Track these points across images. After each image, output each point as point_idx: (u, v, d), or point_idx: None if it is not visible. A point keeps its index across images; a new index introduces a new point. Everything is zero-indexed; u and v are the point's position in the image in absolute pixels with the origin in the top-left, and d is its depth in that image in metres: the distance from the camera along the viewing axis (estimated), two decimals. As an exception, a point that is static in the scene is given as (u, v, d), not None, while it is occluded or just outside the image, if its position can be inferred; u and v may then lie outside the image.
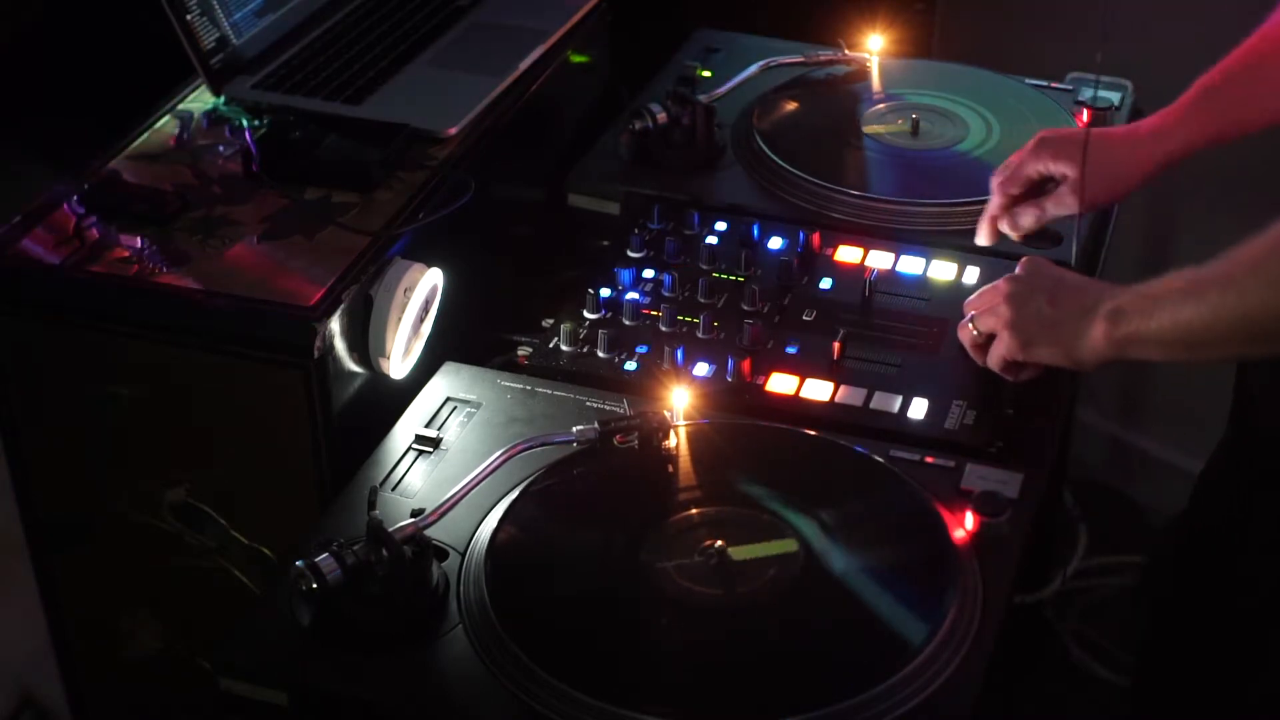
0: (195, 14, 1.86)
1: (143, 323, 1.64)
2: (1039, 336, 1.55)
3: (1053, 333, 1.54)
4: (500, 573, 1.39)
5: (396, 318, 1.66)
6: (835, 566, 1.40)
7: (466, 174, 1.79)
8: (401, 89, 1.92)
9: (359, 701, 1.32)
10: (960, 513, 1.45)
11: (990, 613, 1.36)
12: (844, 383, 1.62)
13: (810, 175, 1.86)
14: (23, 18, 1.97)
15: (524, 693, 1.30)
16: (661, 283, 1.74)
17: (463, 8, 2.08)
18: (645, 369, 1.64)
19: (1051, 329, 1.54)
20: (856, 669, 1.30)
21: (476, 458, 1.51)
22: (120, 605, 1.81)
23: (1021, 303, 1.56)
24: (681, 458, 1.52)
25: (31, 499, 1.78)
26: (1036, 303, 1.55)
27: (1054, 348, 1.54)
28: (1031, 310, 1.55)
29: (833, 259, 1.78)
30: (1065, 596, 2.49)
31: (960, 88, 2.03)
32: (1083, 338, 1.51)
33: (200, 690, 1.44)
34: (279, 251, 1.67)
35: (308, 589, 1.34)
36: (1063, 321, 1.53)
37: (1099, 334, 1.50)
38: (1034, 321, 1.55)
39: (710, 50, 2.12)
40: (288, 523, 1.64)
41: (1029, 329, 1.55)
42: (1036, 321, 1.55)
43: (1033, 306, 1.55)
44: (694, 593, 1.37)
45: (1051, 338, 1.54)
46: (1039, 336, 1.55)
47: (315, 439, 1.63)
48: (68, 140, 1.90)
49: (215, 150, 1.83)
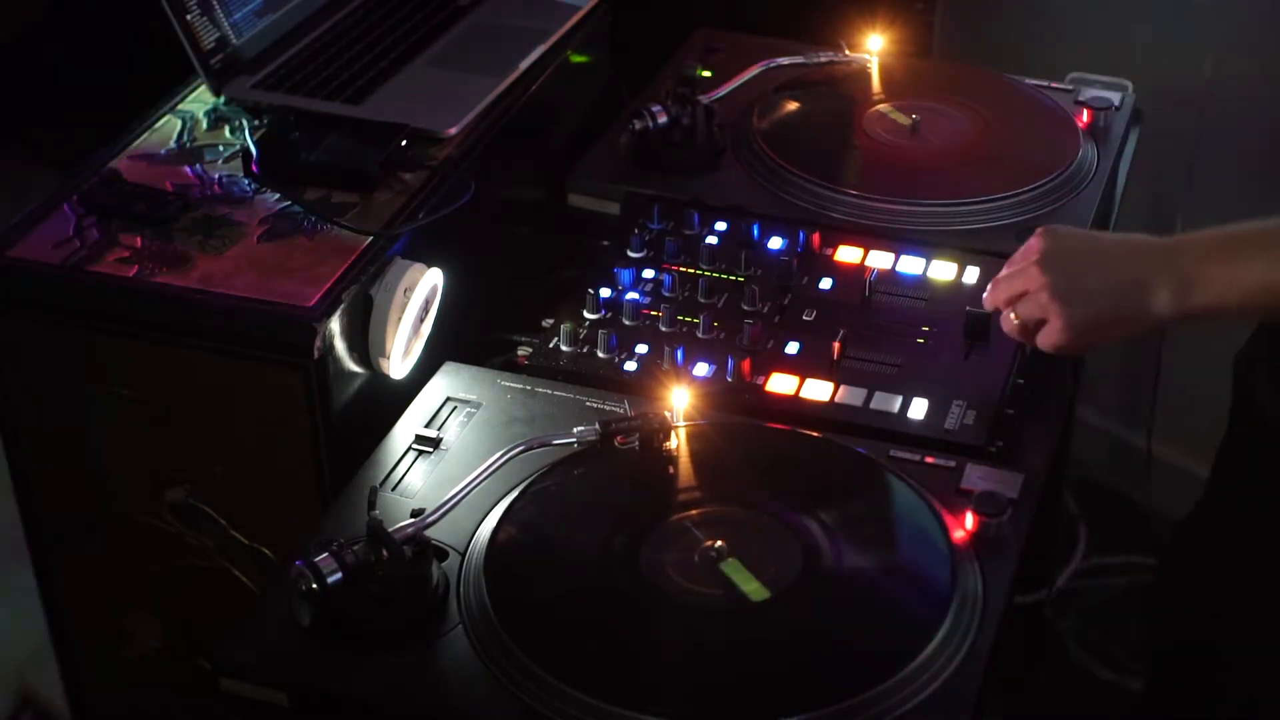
0: (195, 14, 1.85)
1: (143, 323, 1.64)
2: (1098, 318, 1.46)
3: (1112, 312, 1.46)
4: (500, 573, 1.39)
5: (396, 318, 1.66)
6: (835, 567, 1.40)
7: (466, 174, 1.79)
8: (401, 89, 1.92)
9: (359, 701, 1.32)
10: (960, 513, 1.45)
11: (990, 613, 1.36)
12: (844, 383, 1.62)
13: (810, 175, 1.86)
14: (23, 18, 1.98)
15: (524, 693, 1.30)
16: (661, 283, 1.74)
17: (463, 8, 2.08)
18: (645, 369, 1.64)
19: (1110, 308, 1.45)
20: (856, 669, 1.30)
21: (476, 458, 1.51)
22: (120, 605, 1.81)
23: (1066, 285, 1.47)
24: (682, 458, 1.52)
25: (32, 499, 1.78)
26: (1083, 283, 1.46)
27: (1117, 327, 1.47)
28: (1081, 291, 1.46)
29: (833, 259, 1.78)
30: (1065, 596, 2.49)
31: (960, 88, 2.03)
32: (1149, 308, 1.42)
33: (200, 690, 1.43)
34: (279, 251, 1.67)
35: (308, 589, 1.34)
36: (1120, 296, 1.44)
37: (1165, 305, 1.42)
38: (1087, 303, 1.46)
39: (710, 50, 2.12)
40: (288, 523, 1.64)
41: (1084, 313, 1.46)
42: (1090, 302, 1.46)
43: (1080, 286, 1.46)
44: (694, 593, 1.37)
45: (1111, 317, 1.46)
46: (1098, 318, 1.46)
47: (315, 439, 1.63)
48: (68, 141, 1.90)
49: (215, 150, 1.83)
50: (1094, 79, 2.03)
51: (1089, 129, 1.95)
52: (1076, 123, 1.95)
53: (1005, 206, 1.82)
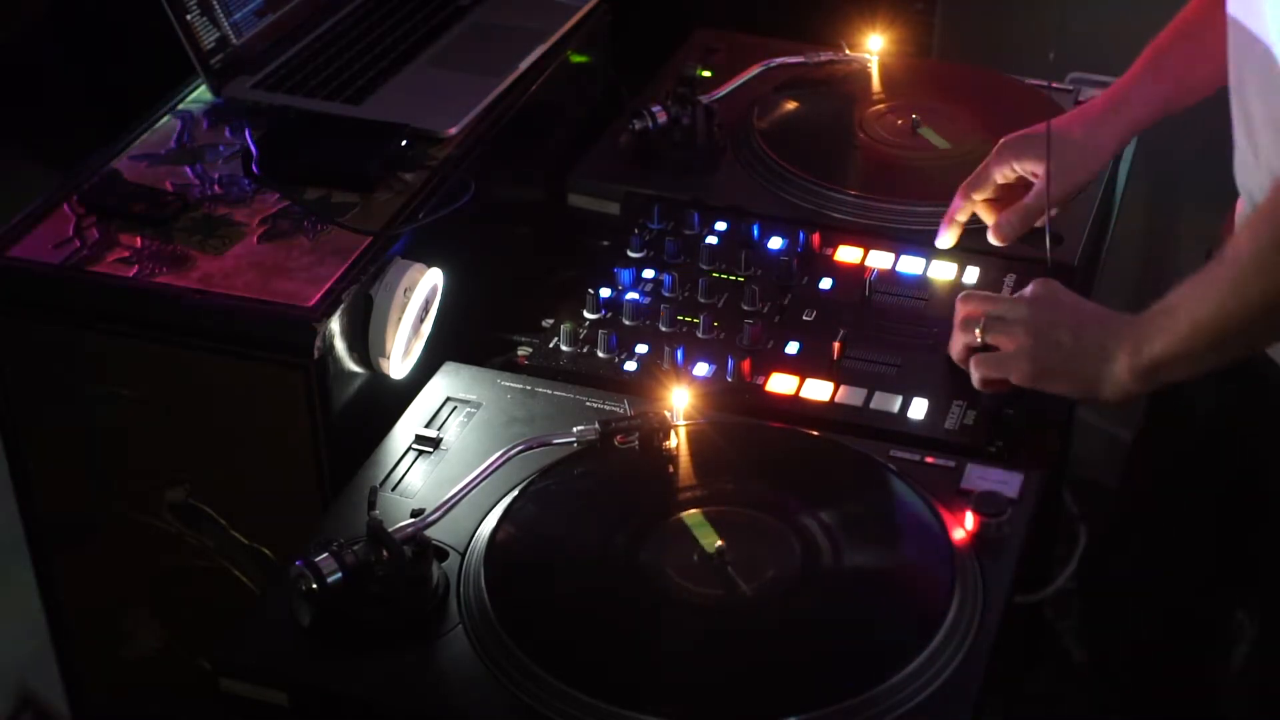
0: (195, 14, 1.86)
1: (143, 323, 1.64)
2: (1058, 370, 1.51)
3: (1072, 366, 1.50)
4: (500, 573, 1.39)
5: (396, 318, 1.66)
6: (835, 567, 1.40)
7: (466, 174, 1.79)
8: (401, 89, 1.92)
9: (359, 701, 1.32)
10: (960, 513, 1.45)
11: (990, 613, 1.36)
12: (844, 383, 1.62)
13: (810, 175, 1.86)
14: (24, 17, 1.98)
15: (524, 693, 1.30)
16: (661, 283, 1.74)
17: (463, 8, 2.08)
18: (645, 369, 1.64)
19: (1071, 362, 1.50)
20: (856, 669, 1.30)
21: (476, 458, 1.51)
22: (120, 605, 1.81)
23: (1042, 332, 1.51)
24: (681, 458, 1.52)
25: (32, 499, 1.78)
26: (1057, 334, 1.50)
27: (1072, 382, 1.50)
28: (1051, 341, 1.51)
29: (833, 259, 1.78)
30: (1065, 596, 2.49)
31: (960, 88, 2.03)
32: (1106, 375, 1.47)
33: (200, 690, 1.43)
34: (279, 251, 1.67)
35: (308, 589, 1.34)
36: (1084, 356, 1.49)
37: (1123, 369, 1.46)
38: (1054, 353, 1.50)
39: (710, 50, 2.12)
40: (288, 523, 1.64)
41: (1048, 360, 1.51)
42: (1056, 353, 1.50)
43: (1053, 337, 1.51)
44: (694, 593, 1.37)
45: (1071, 371, 1.50)
46: (1058, 370, 1.51)
47: (315, 439, 1.63)
48: (68, 141, 1.90)
49: (215, 150, 1.83)
50: (1094, 79, 2.03)
51: (1089, 129, 1.95)
52: (1077, 123, 1.95)
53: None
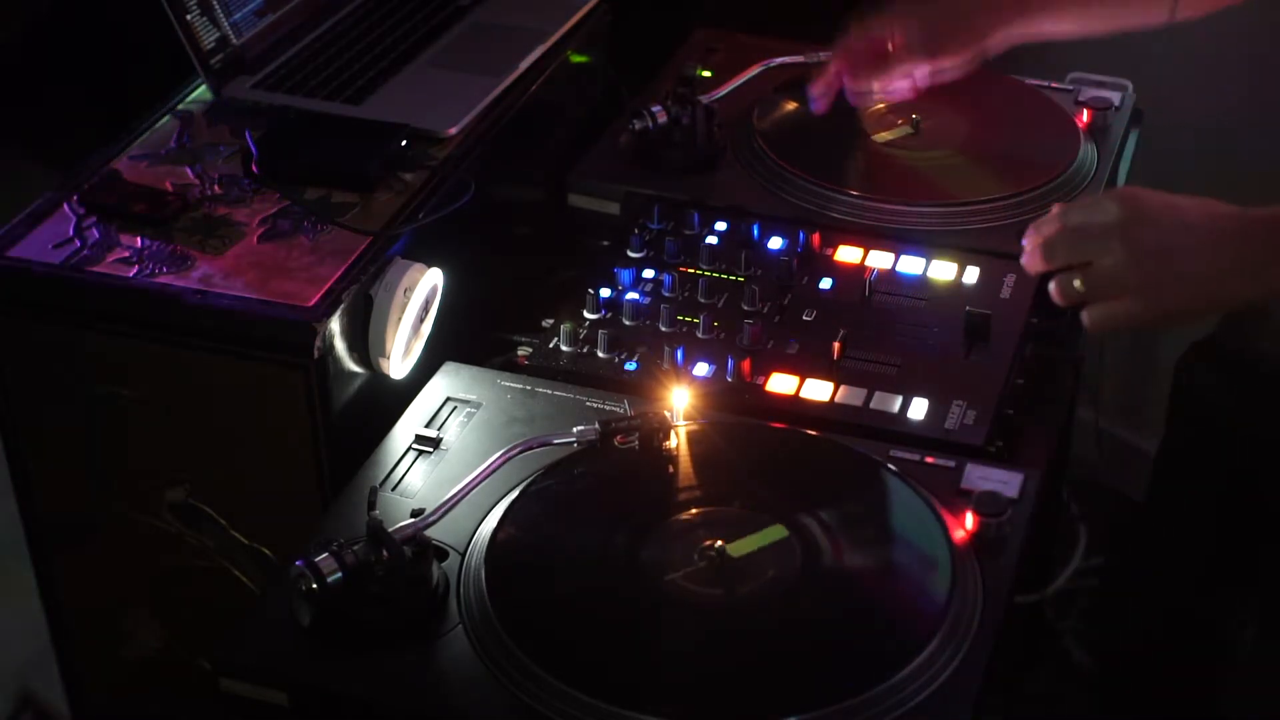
0: (195, 14, 1.86)
1: (143, 323, 1.64)
2: (1178, 309, 1.35)
3: (1191, 302, 1.34)
4: (500, 573, 1.39)
5: (396, 318, 1.66)
6: (835, 567, 1.40)
7: (466, 174, 1.79)
8: (401, 89, 1.92)
9: (359, 701, 1.32)
10: (960, 513, 1.45)
11: (990, 613, 1.36)
12: (844, 383, 1.61)
13: (810, 175, 1.86)
14: (24, 17, 1.98)
15: (524, 693, 1.30)
16: (661, 283, 1.74)
17: (463, 8, 2.08)
18: (645, 369, 1.64)
19: (1189, 298, 1.34)
20: (856, 669, 1.30)
21: (476, 458, 1.51)
22: (120, 605, 1.81)
23: (1155, 268, 1.34)
24: (682, 458, 1.52)
25: (32, 499, 1.78)
26: (1170, 267, 1.33)
27: (1193, 316, 1.37)
28: (1166, 279, 1.33)
29: (833, 259, 1.78)
30: (1065, 596, 2.49)
31: (960, 88, 2.03)
32: (1224, 300, 1.34)
33: (200, 690, 1.43)
34: (279, 251, 1.67)
35: (308, 589, 1.34)
36: (1199, 285, 1.33)
37: (1242, 290, 1.33)
38: (1170, 294, 1.34)
39: (710, 50, 2.12)
40: (288, 523, 1.64)
41: (1167, 303, 1.35)
42: (1172, 293, 1.34)
43: (1166, 272, 1.33)
44: (694, 593, 1.37)
45: (1189, 308, 1.35)
46: (1178, 309, 1.35)
47: (315, 439, 1.63)
48: (68, 141, 1.90)
49: (215, 150, 1.83)
50: (1094, 79, 2.03)
51: (1089, 129, 1.95)
52: (1076, 123, 1.95)
53: (1005, 207, 1.82)
